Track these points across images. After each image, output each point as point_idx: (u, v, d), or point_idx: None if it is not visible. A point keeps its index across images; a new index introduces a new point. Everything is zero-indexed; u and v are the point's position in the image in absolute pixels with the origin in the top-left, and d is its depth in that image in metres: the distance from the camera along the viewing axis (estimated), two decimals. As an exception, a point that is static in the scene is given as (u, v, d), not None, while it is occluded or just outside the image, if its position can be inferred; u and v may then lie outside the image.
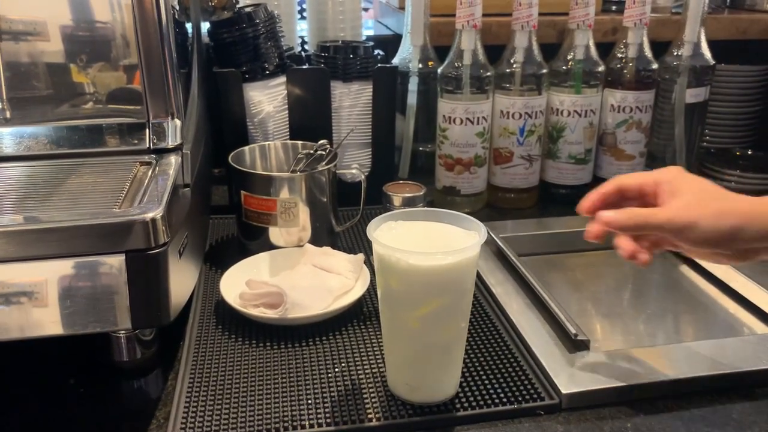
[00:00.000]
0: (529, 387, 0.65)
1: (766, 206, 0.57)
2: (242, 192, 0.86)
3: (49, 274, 0.56)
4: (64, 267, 0.56)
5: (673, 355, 0.68)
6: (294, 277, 0.80)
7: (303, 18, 1.23)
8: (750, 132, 1.34)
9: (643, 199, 0.62)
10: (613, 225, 0.59)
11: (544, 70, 1.04)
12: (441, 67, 1.04)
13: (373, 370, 0.67)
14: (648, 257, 0.61)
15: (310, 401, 0.63)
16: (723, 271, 0.88)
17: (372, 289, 0.79)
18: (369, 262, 0.85)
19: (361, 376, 0.66)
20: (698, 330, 0.84)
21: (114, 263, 0.56)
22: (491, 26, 1.11)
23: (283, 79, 1.01)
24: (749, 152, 1.28)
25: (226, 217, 1.01)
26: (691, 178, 0.61)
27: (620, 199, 0.61)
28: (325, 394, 0.64)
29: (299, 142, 0.95)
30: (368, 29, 1.41)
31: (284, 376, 0.66)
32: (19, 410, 0.64)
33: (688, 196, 0.58)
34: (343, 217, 0.95)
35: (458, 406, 0.62)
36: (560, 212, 1.07)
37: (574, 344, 0.70)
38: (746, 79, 1.30)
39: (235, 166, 0.87)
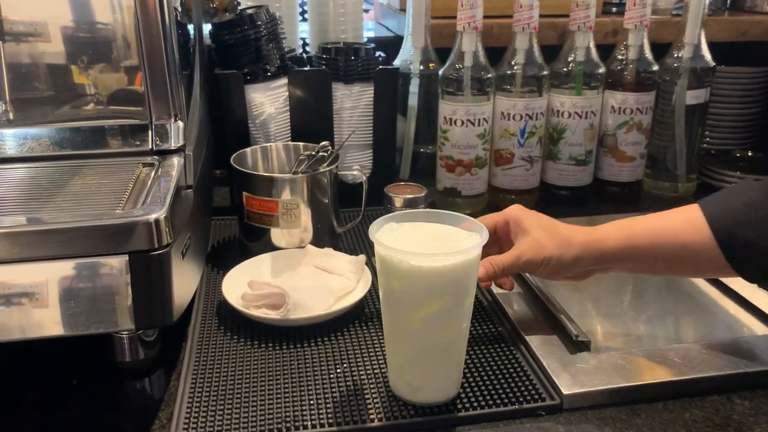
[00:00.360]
0: (530, 387, 0.65)
1: (596, 235, 0.70)
2: (244, 193, 0.86)
3: (52, 275, 0.56)
4: (68, 268, 0.56)
5: (674, 356, 0.68)
6: (296, 278, 0.80)
7: (304, 20, 1.23)
8: (750, 133, 1.35)
9: (497, 235, 0.73)
10: (484, 280, 0.69)
11: (545, 72, 1.05)
12: (442, 69, 1.05)
13: (375, 371, 0.67)
14: (510, 283, 0.74)
15: (312, 401, 0.63)
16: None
17: (373, 290, 0.80)
18: (370, 264, 0.85)
19: (362, 377, 0.67)
20: (698, 331, 0.85)
21: (117, 264, 0.56)
22: (492, 28, 1.11)
23: (284, 80, 1.01)
24: (749, 154, 1.29)
25: (227, 218, 1.01)
26: (532, 214, 0.72)
27: None
28: (327, 395, 0.64)
29: (301, 144, 0.95)
30: (369, 31, 1.42)
31: (286, 376, 0.67)
32: (21, 410, 0.64)
33: (535, 233, 0.69)
34: (344, 218, 0.95)
35: (460, 406, 0.62)
36: (561, 213, 1.06)
37: (575, 345, 0.70)
38: (746, 81, 1.30)
39: (236, 167, 0.87)
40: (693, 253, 0.66)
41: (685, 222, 0.66)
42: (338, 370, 0.68)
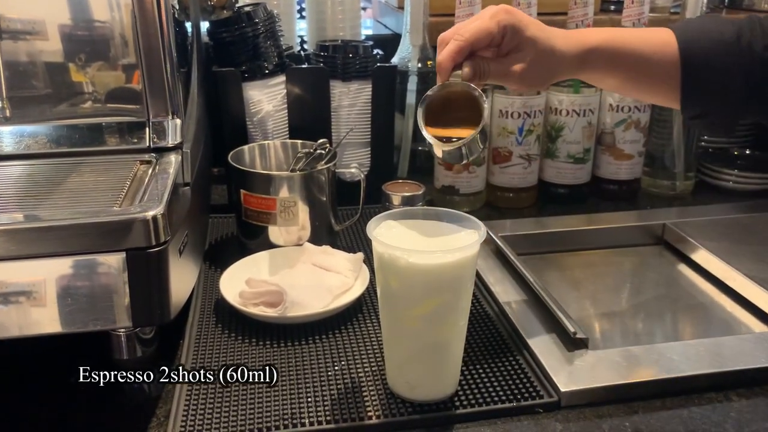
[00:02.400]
0: (528, 385, 0.65)
1: (581, 35, 0.69)
2: (242, 191, 0.86)
3: (49, 273, 0.56)
4: (65, 265, 0.56)
5: (672, 354, 0.68)
6: (293, 275, 0.80)
7: (302, 17, 1.23)
8: (748, 132, 1.34)
9: (492, 42, 0.66)
10: (467, 78, 0.64)
11: (543, 70, 1.04)
12: (440, 67, 1.04)
13: (373, 369, 0.67)
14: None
15: (309, 399, 0.63)
16: (721, 270, 0.89)
17: (371, 287, 0.80)
18: (368, 261, 0.85)
19: (360, 375, 0.67)
20: (696, 328, 0.85)
21: (114, 261, 0.56)
22: (490, 26, 1.11)
23: (282, 78, 1.01)
24: (747, 152, 1.29)
25: (225, 216, 1.01)
26: (528, 24, 0.67)
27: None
28: (324, 393, 0.64)
29: (298, 141, 0.95)
30: (367, 29, 1.42)
31: (284, 374, 0.67)
32: (19, 408, 0.64)
33: (529, 57, 0.66)
34: (342, 216, 0.95)
35: (457, 404, 0.62)
36: (559, 211, 1.07)
37: (573, 342, 0.70)
38: (744, 79, 1.30)
39: (234, 165, 0.87)
40: (656, 68, 0.68)
41: (660, 42, 0.68)
42: (336, 368, 0.68)
